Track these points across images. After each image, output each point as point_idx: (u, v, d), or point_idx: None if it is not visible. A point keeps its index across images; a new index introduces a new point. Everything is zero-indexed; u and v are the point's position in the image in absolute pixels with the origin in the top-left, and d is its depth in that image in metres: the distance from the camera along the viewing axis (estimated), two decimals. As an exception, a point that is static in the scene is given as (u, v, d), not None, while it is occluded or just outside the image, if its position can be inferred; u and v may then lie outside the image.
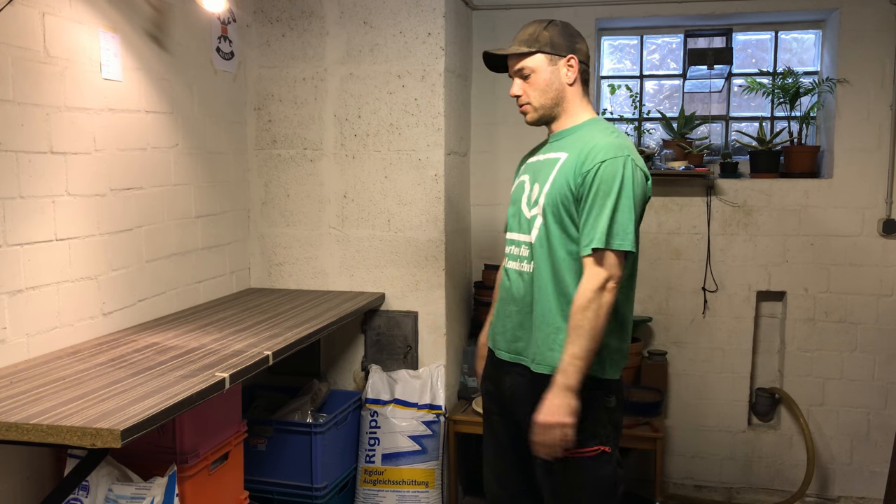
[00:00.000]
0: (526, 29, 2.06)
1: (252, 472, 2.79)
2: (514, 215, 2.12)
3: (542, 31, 2.03)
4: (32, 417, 1.63)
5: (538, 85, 2.03)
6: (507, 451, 2.17)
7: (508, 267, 2.11)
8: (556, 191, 1.96)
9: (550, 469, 1.98)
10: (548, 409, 1.88)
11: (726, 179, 3.47)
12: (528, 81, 2.04)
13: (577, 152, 1.96)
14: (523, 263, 2.04)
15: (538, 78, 2.03)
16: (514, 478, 2.18)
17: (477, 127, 3.64)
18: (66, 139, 2.22)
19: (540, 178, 2.04)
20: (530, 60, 2.03)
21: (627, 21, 3.57)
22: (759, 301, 3.54)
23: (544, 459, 1.96)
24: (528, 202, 2.06)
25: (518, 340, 2.07)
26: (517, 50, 2.03)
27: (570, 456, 1.93)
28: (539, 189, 2.02)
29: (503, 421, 2.16)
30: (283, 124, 3.28)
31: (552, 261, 1.97)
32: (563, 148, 2.03)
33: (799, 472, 3.50)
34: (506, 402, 2.13)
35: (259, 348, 2.24)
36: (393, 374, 3.20)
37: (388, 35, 3.14)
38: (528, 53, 2.02)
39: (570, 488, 1.98)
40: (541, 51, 2.02)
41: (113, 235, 2.44)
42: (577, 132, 2.05)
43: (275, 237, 3.34)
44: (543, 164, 2.07)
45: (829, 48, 3.43)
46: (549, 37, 2.02)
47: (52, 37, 2.15)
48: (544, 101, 2.04)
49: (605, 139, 1.95)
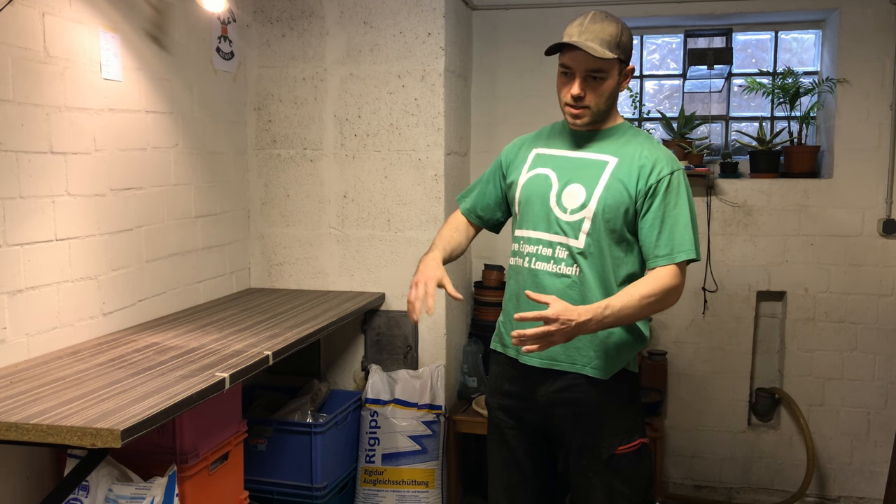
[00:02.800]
0: (604, 26, 1.87)
1: (252, 472, 2.79)
2: (540, 212, 1.98)
3: (621, 34, 1.88)
4: (32, 417, 1.63)
5: (604, 91, 1.91)
6: (520, 462, 2.11)
7: (539, 269, 1.97)
8: (612, 197, 1.90)
9: (598, 470, 1.97)
10: (570, 331, 1.76)
11: (726, 179, 3.47)
12: (597, 85, 1.89)
13: (630, 158, 1.91)
14: (561, 265, 1.95)
15: (608, 85, 1.91)
16: (526, 491, 2.13)
17: (477, 127, 3.64)
18: (66, 139, 2.22)
19: (582, 180, 1.94)
20: (609, 65, 1.88)
21: (627, 21, 3.53)
22: (759, 301, 3.54)
23: (592, 462, 1.97)
24: (562, 202, 1.95)
25: (555, 346, 1.94)
26: (605, 54, 1.84)
27: (618, 453, 1.96)
28: (585, 192, 1.93)
29: (520, 432, 2.09)
30: (283, 124, 3.28)
31: (602, 266, 1.92)
32: (605, 150, 1.96)
33: (799, 472, 3.50)
34: (533, 411, 2.04)
35: (259, 348, 2.24)
36: (393, 374, 3.20)
37: (388, 35, 3.14)
38: (612, 60, 1.87)
39: (619, 485, 1.98)
40: (619, 59, 1.89)
41: (113, 235, 2.44)
42: (618, 135, 1.98)
43: (275, 237, 3.34)
44: (581, 163, 1.97)
45: (829, 48, 3.43)
46: (626, 43, 1.90)
47: (52, 37, 2.15)
48: (602, 107, 1.93)
49: (659, 149, 1.95)
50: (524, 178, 2.05)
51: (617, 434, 1.97)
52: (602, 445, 1.97)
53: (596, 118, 1.95)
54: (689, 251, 1.88)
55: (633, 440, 1.99)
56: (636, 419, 2.03)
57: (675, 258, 1.88)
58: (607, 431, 1.97)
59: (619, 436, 1.97)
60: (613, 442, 1.97)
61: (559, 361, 1.98)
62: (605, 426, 1.97)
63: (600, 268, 1.92)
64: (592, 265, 1.92)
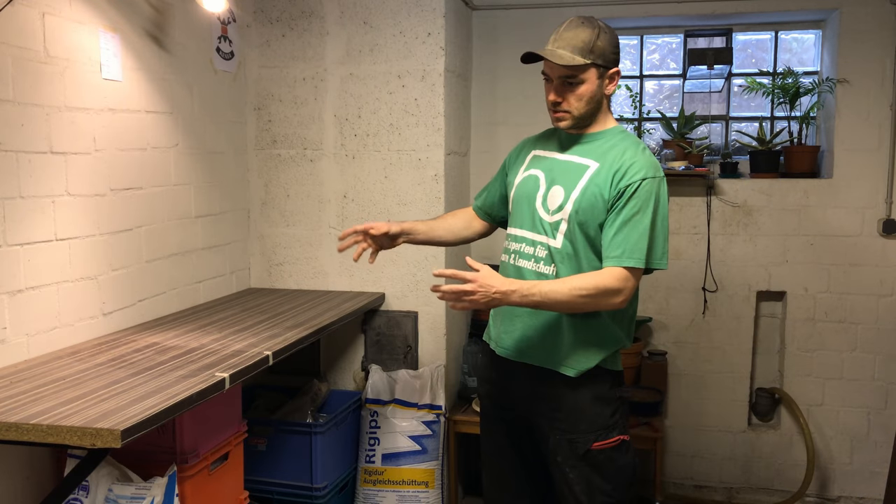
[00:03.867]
0: (578, 32, 1.92)
1: (252, 472, 2.79)
2: (526, 212, 2.05)
3: (596, 39, 1.92)
4: (32, 417, 1.63)
5: (583, 95, 1.95)
6: (505, 452, 2.17)
7: (521, 266, 2.04)
8: (587, 200, 1.94)
9: (575, 464, 2.00)
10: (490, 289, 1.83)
11: (726, 179, 3.47)
12: (573, 90, 1.95)
13: (610, 164, 1.95)
14: (541, 264, 2.00)
15: (585, 89, 1.95)
16: (514, 480, 2.18)
17: (477, 127, 3.64)
18: (66, 139, 2.22)
19: (563, 182, 1.99)
20: (582, 71, 1.92)
21: (627, 21, 3.57)
22: (759, 301, 3.54)
23: (569, 456, 1.99)
24: (546, 203, 2.01)
25: (527, 341, 2.04)
26: (573, 60, 1.90)
27: (594, 448, 1.98)
28: (564, 194, 1.98)
29: (502, 423, 2.16)
30: (283, 124, 3.28)
31: (578, 268, 1.96)
32: (589, 154, 2.00)
33: (799, 472, 3.50)
34: (512, 402, 2.11)
35: (259, 348, 2.24)
36: (393, 374, 3.20)
37: (388, 35, 3.14)
38: (583, 66, 1.92)
39: (597, 479, 2.00)
40: (594, 64, 1.92)
41: (113, 235, 2.44)
42: (604, 140, 2.01)
43: (275, 237, 3.34)
44: (566, 166, 2.02)
45: (829, 48, 3.43)
46: (603, 48, 1.92)
47: (52, 37, 2.15)
48: (584, 111, 1.97)
49: (639, 155, 1.95)
50: (519, 177, 2.13)
51: (593, 430, 1.99)
52: (578, 440, 2.00)
53: (579, 121, 2.00)
54: (639, 259, 1.89)
55: (610, 436, 2.00)
56: (616, 416, 2.03)
57: (623, 262, 1.90)
58: (583, 427, 2.00)
59: (595, 431, 1.99)
60: (589, 437, 1.99)
61: (531, 356, 2.04)
62: (581, 422, 2.00)
63: (576, 269, 1.96)
64: (568, 266, 1.97)
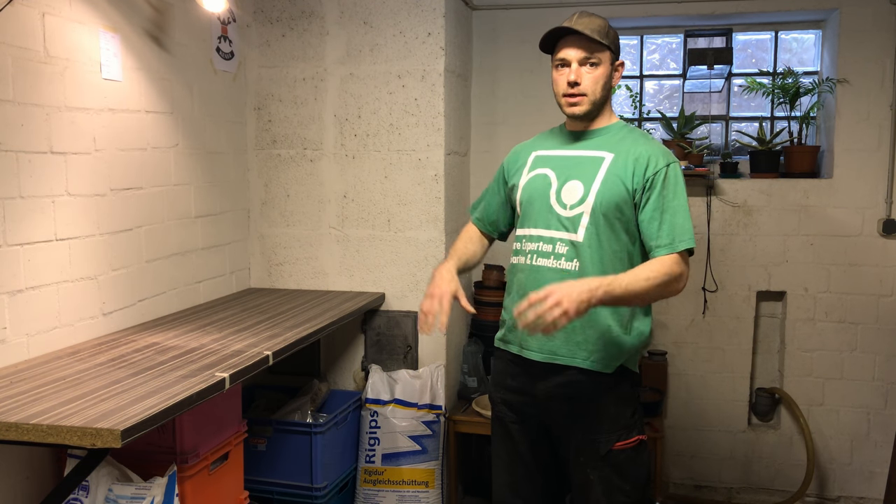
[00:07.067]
0: (592, 19, 1.99)
1: (252, 472, 2.79)
2: (540, 210, 2.04)
3: (608, 28, 2.00)
4: (32, 417, 1.63)
5: (599, 78, 1.99)
6: (524, 457, 2.13)
7: (541, 265, 2.01)
8: (610, 190, 1.95)
9: (597, 465, 2.00)
10: (573, 293, 1.73)
11: (726, 179, 3.47)
12: (592, 72, 1.98)
13: (626, 154, 1.97)
14: (562, 261, 1.98)
15: (602, 72, 1.99)
16: (530, 485, 2.15)
17: (477, 127, 3.64)
18: (66, 139, 2.22)
19: (579, 176, 2.00)
20: (602, 51, 1.98)
21: (627, 21, 3.57)
22: (759, 301, 3.54)
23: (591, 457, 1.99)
24: (562, 199, 2.01)
25: (559, 340, 1.99)
26: (599, 38, 1.96)
27: (615, 448, 1.99)
28: (583, 187, 1.98)
29: (523, 426, 2.12)
30: (283, 124, 3.28)
31: (601, 260, 1.96)
32: (601, 147, 2.02)
33: (799, 472, 3.50)
34: (536, 403, 2.07)
35: (259, 348, 2.24)
36: (393, 374, 3.20)
37: (388, 35, 3.14)
38: (604, 45, 1.97)
39: (617, 479, 2.01)
40: (609, 48, 1.99)
41: (113, 235, 2.44)
42: (611, 133, 2.04)
43: (275, 237, 3.34)
44: (578, 160, 2.03)
45: (829, 48, 3.43)
46: (614, 36, 2.01)
47: (52, 37, 2.15)
48: (599, 95, 2.00)
49: (653, 143, 2.02)
50: (525, 179, 2.11)
51: (615, 430, 2.00)
52: (600, 441, 2.00)
53: (592, 108, 2.02)
54: (690, 240, 1.93)
55: (630, 437, 2.02)
56: (635, 417, 2.05)
57: (677, 247, 1.92)
58: (605, 427, 2.00)
59: (616, 431, 2.00)
60: (611, 438, 1.99)
61: (560, 356, 2.00)
62: (604, 422, 2.00)
63: (599, 261, 1.96)
64: (592, 259, 1.96)
